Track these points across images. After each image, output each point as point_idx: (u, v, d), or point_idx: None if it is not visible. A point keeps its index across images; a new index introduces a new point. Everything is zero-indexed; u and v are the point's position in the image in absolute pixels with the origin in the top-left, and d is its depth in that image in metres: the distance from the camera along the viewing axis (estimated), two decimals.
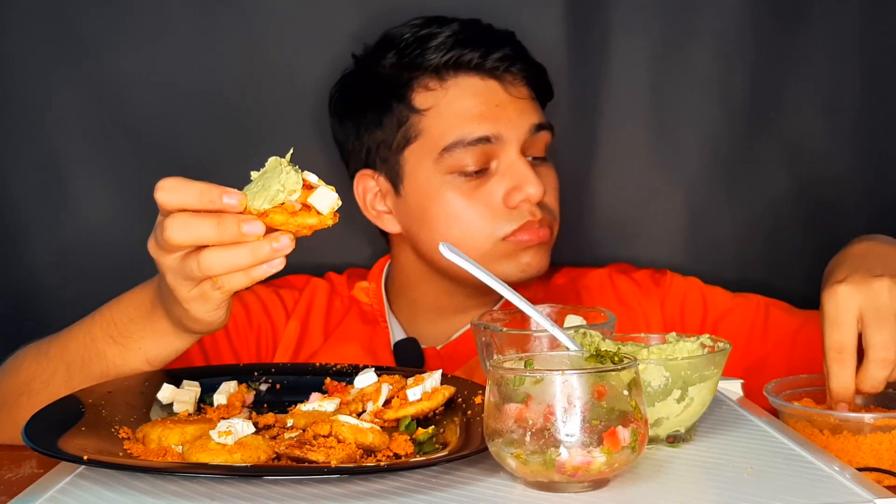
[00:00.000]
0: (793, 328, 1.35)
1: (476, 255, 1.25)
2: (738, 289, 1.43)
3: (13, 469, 1.02)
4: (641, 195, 1.57)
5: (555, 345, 0.91)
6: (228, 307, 0.95)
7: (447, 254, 0.90)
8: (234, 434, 0.85)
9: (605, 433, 0.76)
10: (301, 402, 0.97)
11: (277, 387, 1.05)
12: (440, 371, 0.98)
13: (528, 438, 0.76)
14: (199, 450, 0.84)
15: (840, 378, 1.01)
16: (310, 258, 1.47)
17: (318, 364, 1.11)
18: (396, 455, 0.86)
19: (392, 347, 1.37)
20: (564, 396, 0.76)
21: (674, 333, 0.95)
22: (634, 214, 1.57)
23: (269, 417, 0.95)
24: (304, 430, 0.88)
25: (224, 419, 0.90)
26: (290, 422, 0.94)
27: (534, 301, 0.94)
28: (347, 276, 1.47)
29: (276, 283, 1.42)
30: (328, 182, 0.87)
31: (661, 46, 1.54)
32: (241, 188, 0.87)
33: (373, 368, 1.03)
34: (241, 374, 1.06)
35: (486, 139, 1.28)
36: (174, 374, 1.04)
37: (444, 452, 0.84)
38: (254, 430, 0.88)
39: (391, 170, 1.33)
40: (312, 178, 0.87)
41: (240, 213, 0.85)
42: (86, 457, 0.80)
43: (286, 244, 0.85)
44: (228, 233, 0.84)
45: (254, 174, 0.88)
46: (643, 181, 1.57)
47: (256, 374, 1.06)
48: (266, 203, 0.84)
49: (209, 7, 1.51)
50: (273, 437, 0.89)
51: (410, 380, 0.97)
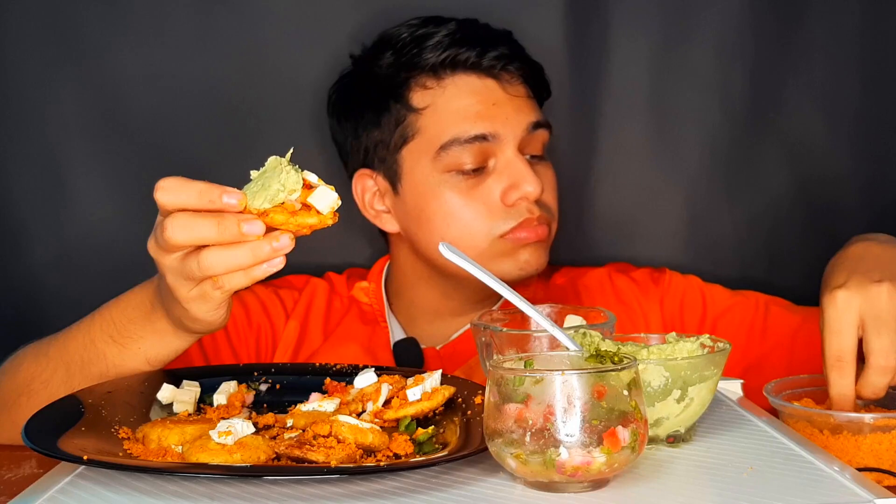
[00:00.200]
0: (793, 325, 1.35)
1: (474, 254, 1.25)
2: (738, 288, 1.43)
3: (13, 469, 1.02)
4: (641, 195, 1.57)
5: (555, 345, 0.91)
6: (228, 307, 0.95)
7: (447, 254, 0.90)
8: (234, 434, 0.85)
9: (605, 433, 0.76)
10: (301, 403, 0.97)
11: (277, 387, 1.05)
12: (440, 371, 0.98)
13: (528, 438, 0.76)
14: (199, 450, 0.84)
15: (839, 386, 1.01)
16: (310, 258, 1.47)
17: (318, 364, 1.11)
18: (396, 455, 0.86)
19: (392, 347, 1.37)
20: (564, 396, 0.76)
21: (674, 333, 0.95)
22: (634, 214, 1.57)
23: (269, 417, 0.95)
24: (304, 431, 0.88)
25: (224, 419, 0.90)
26: (290, 422, 0.94)
27: (533, 301, 0.94)
28: (347, 277, 1.47)
29: (276, 284, 1.42)
30: (327, 182, 0.87)
31: (661, 46, 1.53)
32: (241, 187, 0.86)
33: (373, 368, 1.03)
34: (241, 374, 1.06)
35: (483, 137, 1.28)
36: (174, 374, 1.04)
37: (444, 452, 0.84)
38: (254, 431, 0.88)
39: (389, 169, 1.33)
40: (312, 178, 0.86)
41: (240, 213, 0.85)
42: (85, 457, 0.80)
43: (286, 244, 0.85)
44: (229, 232, 0.84)
45: (253, 173, 0.88)
46: (643, 181, 1.56)
47: (256, 375, 1.06)
48: (266, 202, 0.84)
49: (208, 7, 1.51)
50: (273, 438, 0.89)
51: (410, 380, 0.97)
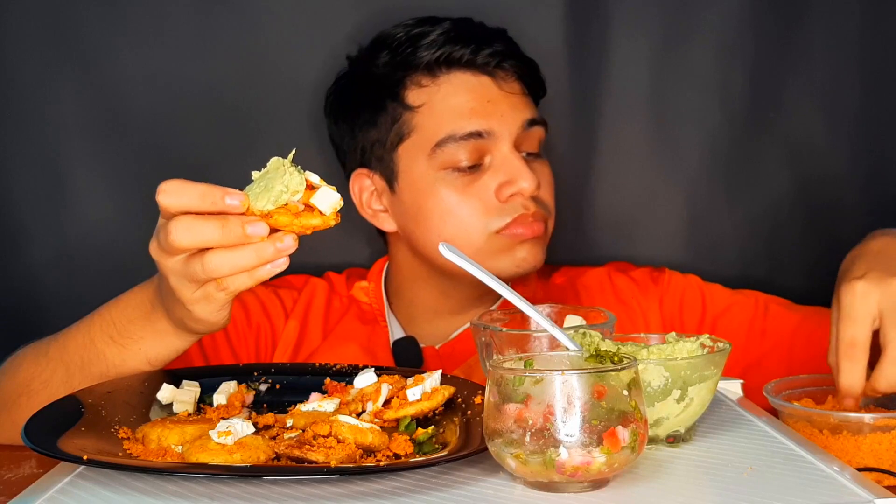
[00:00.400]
0: (793, 324, 1.35)
1: (471, 251, 1.25)
2: (739, 288, 1.43)
3: (13, 469, 1.02)
4: (641, 195, 1.57)
5: (554, 345, 0.91)
6: (230, 307, 0.95)
7: (447, 254, 0.90)
8: (234, 434, 0.85)
9: (605, 433, 0.76)
10: (301, 403, 0.97)
11: (277, 387, 1.05)
12: (440, 371, 0.98)
13: (528, 438, 0.76)
14: (199, 450, 0.84)
15: (850, 374, 0.99)
16: (310, 258, 1.46)
17: (318, 364, 1.10)
18: (396, 455, 0.86)
19: (391, 346, 1.37)
20: (564, 396, 0.76)
21: (673, 333, 0.95)
22: (634, 214, 1.57)
23: (269, 417, 0.95)
24: (304, 431, 0.88)
25: (224, 419, 0.90)
26: (290, 422, 0.94)
27: (533, 300, 0.94)
28: (347, 276, 1.47)
29: (275, 283, 1.42)
30: (327, 182, 0.88)
31: (661, 46, 1.53)
32: (241, 187, 0.86)
33: (372, 368, 1.03)
34: (241, 374, 1.06)
35: (478, 134, 1.28)
36: (174, 374, 1.04)
37: (444, 452, 0.84)
38: (253, 431, 0.88)
39: (386, 168, 1.34)
40: (314, 179, 0.87)
41: (243, 214, 0.85)
42: (85, 457, 0.80)
43: (290, 244, 0.85)
44: (233, 235, 0.84)
45: (255, 174, 0.88)
46: (643, 181, 1.57)
47: (256, 375, 1.06)
48: (270, 204, 0.85)
49: (208, 7, 1.51)
50: (273, 438, 0.89)
51: (410, 380, 0.97)
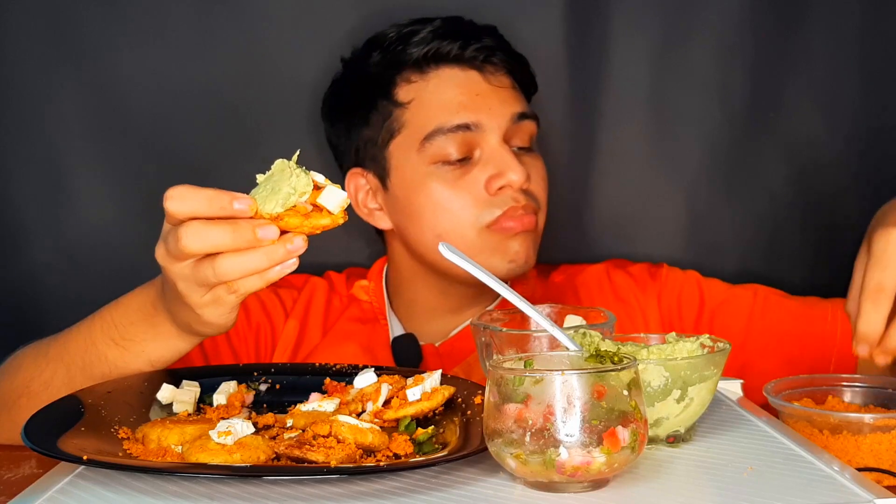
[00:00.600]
0: (792, 313, 1.34)
1: (464, 246, 1.26)
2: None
3: (12, 469, 1.02)
4: (641, 194, 1.57)
5: (554, 345, 0.91)
6: (238, 309, 0.96)
7: (447, 253, 0.90)
8: (234, 434, 0.85)
9: (605, 433, 0.76)
10: (301, 403, 0.97)
11: (277, 387, 1.05)
12: (440, 371, 0.98)
13: (528, 438, 0.76)
14: (199, 450, 0.84)
15: (871, 318, 0.96)
16: (310, 258, 1.45)
17: (318, 364, 1.11)
18: (396, 455, 0.86)
19: (390, 343, 1.37)
20: (564, 396, 0.76)
21: (673, 333, 0.95)
22: (634, 213, 1.57)
23: (269, 417, 0.95)
24: (304, 431, 0.88)
25: (224, 419, 0.90)
26: (290, 422, 0.94)
27: (532, 299, 0.94)
28: (347, 276, 1.47)
29: (275, 283, 1.41)
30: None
31: (661, 46, 1.54)
32: (242, 187, 0.87)
33: (372, 368, 1.03)
34: (241, 375, 1.06)
35: (466, 126, 1.29)
36: (173, 374, 1.04)
37: (444, 452, 0.84)
38: (253, 431, 0.88)
39: (379, 166, 1.34)
40: (319, 179, 0.87)
41: (251, 218, 0.85)
42: (85, 457, 0.80)
43: (300, 245, 0.86)
44: (243, 238, 0.85)
45: (259, 177, 0.88)
46: (643, 180, 1.57)
47: (256, 375, 1.06)
48: (279, 206, 0.85)
49: (208, 8, 1.51)
50: (273, 438, 0.89)
51: (410, 380, 0.97)
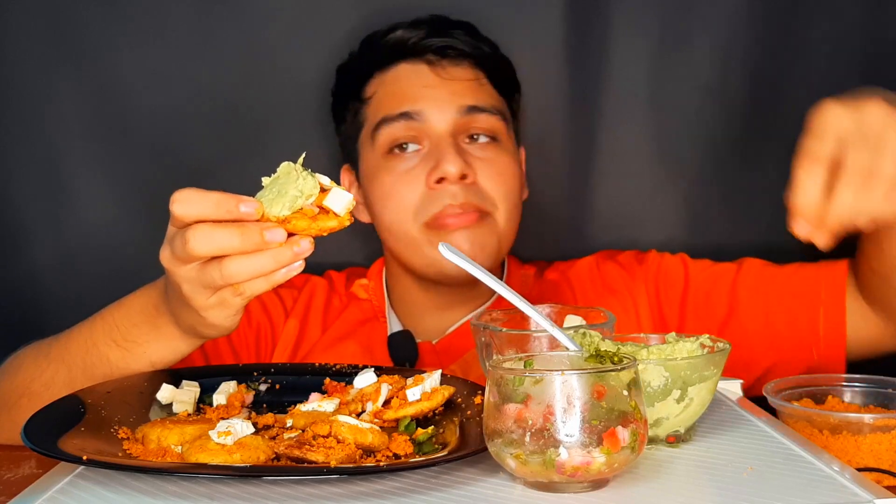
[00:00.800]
0: (775, 278, 1.33)
1: (408, 241, 1.30)
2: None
3: (12, 469, 1.02)
4: (641, 194, 1.57)
5: (554, 345, 0.91)
6: (242, 311, 0.96)
7: (446, 254, 0.90)
8: (234, 434, 0.85)
9: (605, 433, 0.76)
10: (300, 403, 0.97)
11: (277, 387, 1.05)
12: (439, 371, 0.98)
13: (528, 439, 0.76)
14: (199, 450, 0.84)
15: (805, 188, 0.91)
16: (310, 257, 1.47)
17: (318, 364, 1.11)
18: (396, 455, 0.86)
19: (387, 340, 1.37)
20: (564, 396, 0.76)
21: (673, 333, 0.95)
22: (634, 213, 1.57)
23: (269, 418, 0.95)
24: (304, 431, 0.88)
25: (223, 419, 0.90)
26: (290, 422, 0.94)
27: (529, 298, 0.94)
28: (347, 275, 1.48)
29: None
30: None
31: (661, 46, 1.53)
32: (243, 188, 0.87)
33: (372, 368, 1.03)
34: (241, 375, 1.06)
35: (408, 115, 1.31)
36: (173, 374, 1.04)
37: (444, 453, 0.84)
38: (253, 431, 0.88)
39: (353, 160, 1.39)
40: (325, 181, 0.87)
41: (259, 220, 0.85)
42: (85, 457, 0.80)
43: (307, 248, 0.87)
44: (251, 241, 0.85)
45: (265, 180, 0.88)
46: (643, 181, 1.57)
47: (256, 375, 1.06)
48: (286, 209, 0.85)
49: (209, 7, 1.51)
50: (272, 438, 0.89)
51: (410, 380, 0.97)
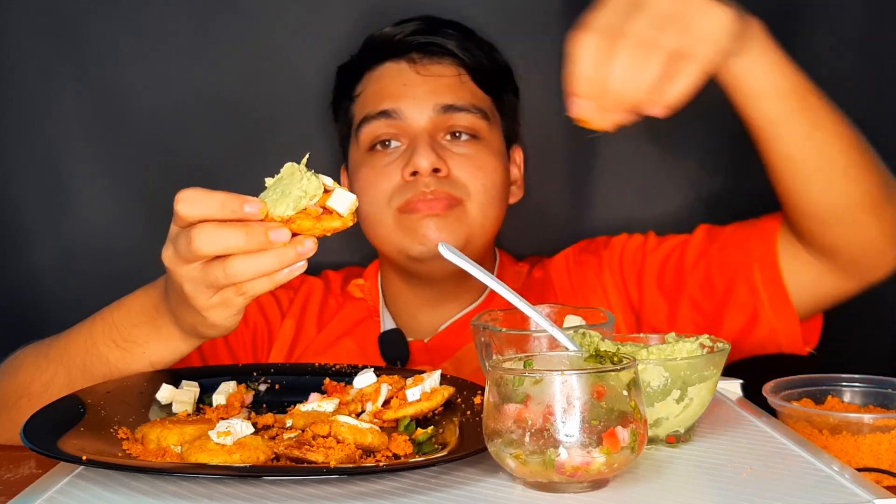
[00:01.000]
0: (711, 242, 1.32)
1: (381, 229, 1.31)
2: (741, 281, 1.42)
3: (12, 469, 1.02)
4: (641, 194, 1.57)
5: (554, 345, 0.91)
6: (244, 311, 0.96)
7: (446, 253, 0.90)
8: (233, 434, 0.85)
9: (605, 433, 0.76)
10: (300, 403, 0.97)
11: (276, 387, 1.05)
12: (439, 371, 0.98)
13: (528, 439, 0.76)
14: (198, 450, 0.84)
15: (580, 60, 0.91)
16: (310, 258, 1.47)
17: (318, 364, 1.11)
18: (395, 455, 0.86)
19: (378, 339, 1.37)
20: (564, 397, 0.76)
21: (673, 334, 0.95)
22: (634, 213, 1.57)
23: (268, 418, 0.95)
24: (303, 431, 0.88)
25: (223, 419, 0.90)
26: (289, 422, 0.94)
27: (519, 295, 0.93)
28: (344, 275, 1.48)
29: None
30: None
31: None
32: (244, 188, 0.87)
33: (372, 369, 1.03)
34: (240, 375, 1.06)
35: (387, 113, 1.32)
36: (173, 375, 1.04)
37: (444, 453, 0.84)
38: (253, 431, 0.88)
39: (346, 159, 1.41)
40: (328, 181, 0.88)
41: (262, 220, 0.85)
42: (85, 457, 0.80)
43: (310, 247, 0.87)
44: (256, 241, 0.86)
45: (268, 181, 0.88)
46: (643, 181, 1.56)
47: (255, 375, 1.06)
48: (290, 209, 0.85)
49: (211, 9, 1.51)
50: (272, 438, 0.89)
51: (409, 380, 0.97)
